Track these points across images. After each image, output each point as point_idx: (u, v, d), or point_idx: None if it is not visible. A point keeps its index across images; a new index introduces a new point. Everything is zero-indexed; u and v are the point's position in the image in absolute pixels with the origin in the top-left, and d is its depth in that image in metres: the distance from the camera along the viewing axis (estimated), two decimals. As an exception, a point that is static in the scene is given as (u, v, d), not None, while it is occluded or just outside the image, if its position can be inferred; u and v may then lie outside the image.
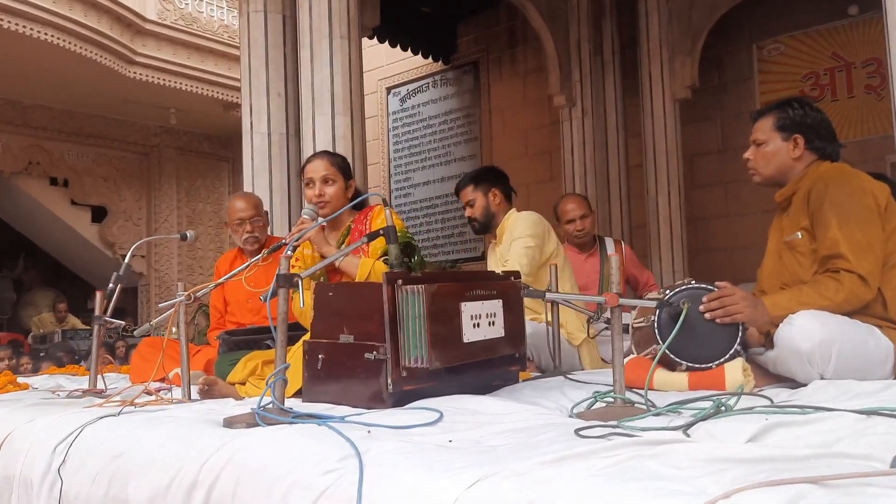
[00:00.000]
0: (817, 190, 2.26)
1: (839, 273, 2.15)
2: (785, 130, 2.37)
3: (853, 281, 2.13)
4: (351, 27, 4.12)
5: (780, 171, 2.39)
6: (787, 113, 2.37)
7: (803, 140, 2.34)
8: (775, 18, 6.76)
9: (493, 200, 3.49)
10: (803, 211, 2.30)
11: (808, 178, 2.34)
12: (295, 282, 1.86)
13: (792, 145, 2.35)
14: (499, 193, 3.51)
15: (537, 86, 7.88)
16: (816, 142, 2.34)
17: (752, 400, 1.81)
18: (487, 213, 3.50)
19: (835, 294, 2.12)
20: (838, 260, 2.17)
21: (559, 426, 1.68)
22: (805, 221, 2.29)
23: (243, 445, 1.55)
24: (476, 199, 3.51)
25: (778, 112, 2.39)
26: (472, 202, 3.52)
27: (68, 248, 10.61)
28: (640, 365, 2.28)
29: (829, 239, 2.19)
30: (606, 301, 1.91)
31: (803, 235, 2.30)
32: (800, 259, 2.32)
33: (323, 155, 2.91)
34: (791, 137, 2.35)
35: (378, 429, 1.64)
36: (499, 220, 3.51)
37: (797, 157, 2.35)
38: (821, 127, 2.37)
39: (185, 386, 2.44)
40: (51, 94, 9.13)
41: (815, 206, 2.25)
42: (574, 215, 4.19)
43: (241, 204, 3.52)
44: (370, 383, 2.03)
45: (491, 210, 3.50)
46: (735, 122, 6.92)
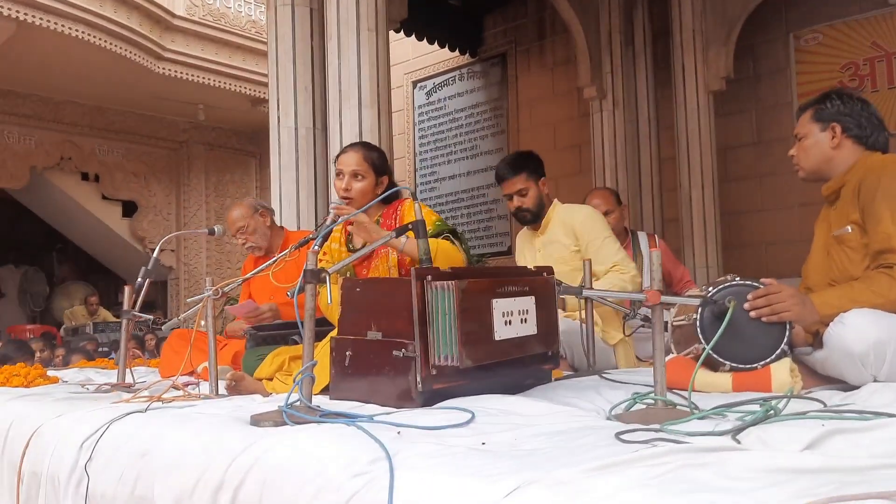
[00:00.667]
0: (868, 182, 2.16)
1: (893, 269, 2.04)
2: (822, 121, 2.31)
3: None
4: (378, 20, 4.06)
5: (822, 163, 2.32)
6: (825, 104, 2.32)
7: (840, 128, 2.27)
8: (813, 7, 6.58)
9: (544, 189, 3.27)
10: (853, 204, 2.20)
11: (857, 169, 2.25)
12: (322, 277, 1.80)
13: (830, 134, 2.29)
14: (546, 183, 3.30)
15: (566, 78, 7.77)
16: (856, 129, 2.26)
17: (802, 403, 1.71)
18: (540, 203, 3.26)
19: (888, 291, 2.02)
20: (891, 255, 2.06)
21: (598, 429, 1.60)
22: (855, 215, 2.19)
23: (270, 446, 1.50)
24: (529, 188, 3.22)
25: (816, 104, 2.35)
26: (523, 191, 3.22)
27: (99, 243, 10.72)
28: (681, 365, 2.19)
29: (881, 233, 2.09)
30: (648, 298, 1.83)
31: (853, 229, 2.20)
32: (850, 254, 2.22)
33: (359, 147, 2.79)
34: (828, 127, 2.29)
35: (408, 430, 1.57)
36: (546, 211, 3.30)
37: (836, 145, 2.28)
38: (861, 116, 2.28)
39: (212, 381, 2.40)
40: (82, 91, 9.20)
41: (867, 198, 2.15)
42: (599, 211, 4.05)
43: (231, 216, 3.61)
44: (399, 381, 1.97)
45: (543, 200, 3.27)
46: (771, 114, 6.76)
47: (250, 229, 3.55)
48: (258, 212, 3.62)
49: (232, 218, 3.60)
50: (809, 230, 2.48)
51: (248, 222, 3.56)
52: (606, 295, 2.09)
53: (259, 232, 3.58)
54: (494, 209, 8.47)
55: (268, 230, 3.62)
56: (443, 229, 2.59)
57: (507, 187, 3.26)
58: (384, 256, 2.65)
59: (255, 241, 3.57)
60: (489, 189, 8.51)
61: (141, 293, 2.85)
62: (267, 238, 3.61)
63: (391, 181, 2.82)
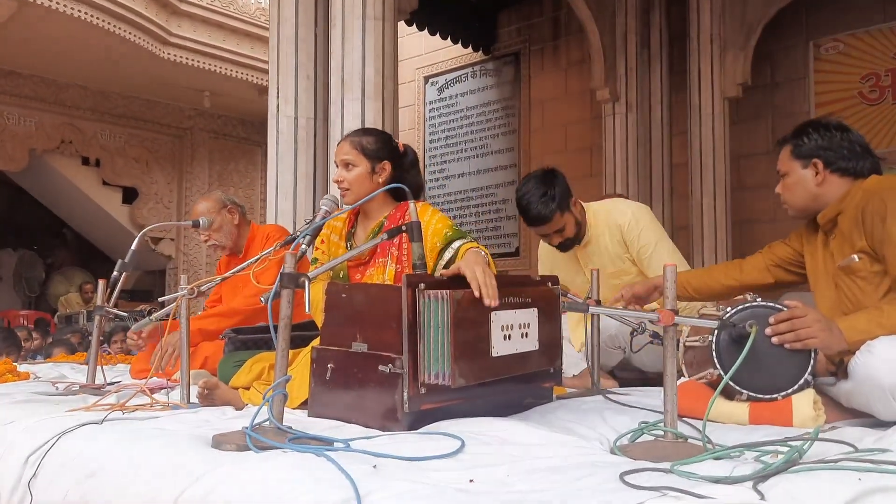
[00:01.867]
0: (873, 206, 2.02)
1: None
2: (803, 158, 2.20)
3: None
4: (386, 9, 3.88)
5: (809, 201, 2.21)
6: (803, 140, 2.21)
7: (822, 163, 2.16)
8: (835, 15, 6.38)
9: (577, 209, 3.04)
10: (858, 231, 2.06)
11: (854, 195, 2.12)
12: (301, 282, 1.62)
13: (813, 171, 2.18)
14: (576, 201, 3.06)
15: (580, 79, 7.59)
16: (839, 162, 2.15)
17: (829, 445, 1.53)
18: (579, 226, 3.04)
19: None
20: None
21: (601, 467, 1.42)
22: (862, 242, 2.05)
23: (226, 476, 1.32)
24: (566, 223, 2.98)
25: (793, 140, 2.24)
26: (562, 229, 2.99)
27: (98, 229, 10.56)
28: (693, 391, 2.01)
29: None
30: (660, 318, 1.65)
31: (861, 258, 2.05)
32: (861, 284, 2.08)
33: (350, 135, 2.57)
34: (810, 163, 2.18)
35: (386, 461, 1.39)
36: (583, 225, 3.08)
37: (820, 182, 2.17)
38: (842, 147, 2.16)
39: (183, 388, 2.22)
40: (85, 74, 9.04)
41: (874, 223, 2.01)
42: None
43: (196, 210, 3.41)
44: (384, 400, 1.79)
45: (580, 221, 3.05)
46: (787, 123, 6.55)
47: (215, 226, 3.33)
48: (226, 207, 3.39)
49: (197, 212, 3.38)
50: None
51: (213, 218, 3.34)
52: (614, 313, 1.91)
53: (224, 230, 3.36)
54: (503, 209, 8.31)
55: (234, 228, 3.40)
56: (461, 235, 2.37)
57: (546, 229, 3.01)
58: (381, 266, 2.44)
59: (217, 239, 3.36)
60: (499, 188, 8.35)
61: (117, 287, 2.67)
62: (232, 237, 3.39)
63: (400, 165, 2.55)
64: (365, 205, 2.49)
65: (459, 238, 2.34)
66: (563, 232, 2.99)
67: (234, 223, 3.40)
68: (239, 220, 3.42)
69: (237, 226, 3.41)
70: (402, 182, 2.32)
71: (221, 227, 3.35)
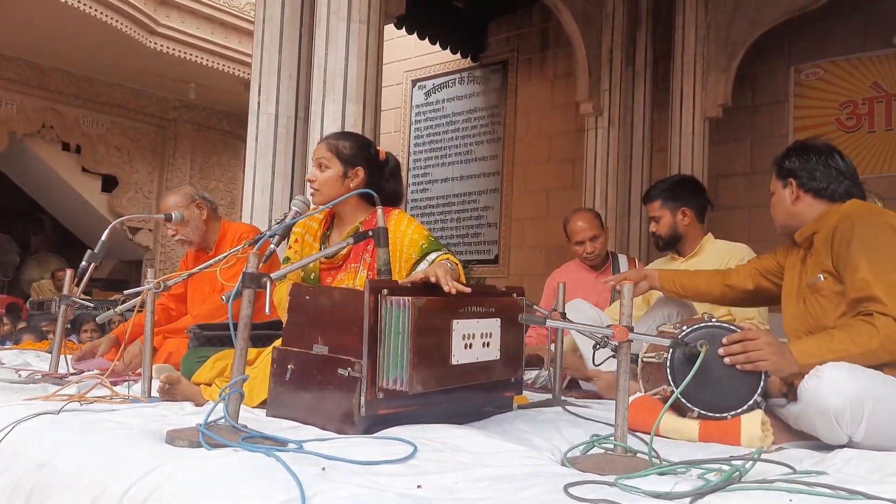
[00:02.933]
0: (842, 229, 2.10)
1: (873, 317, 1.93)
2: (782, 178, 2.33)
3: (889, 325, 1.91)
4: (371, 12, 3.89)
5: (787, 218, 2.32)
6: (784, 161, 2.34)
7: (795, 183, 2.28)
8: (816, 42, 6.48)
9: (682, 220, 3.19)
10: (826, 251, 2.13)
11: (831, 216, 2.19)
12: (263, 283, 1.64)
13: (789, 190, 2.30)
14: (689, 213, 3.19)
15: (565, 91, 7.66)
16: (811, 183, 2.25)
17: (770, 465, 1.56)
18: (674, 233, 3.21)
19: (869, 340, 1.90)
20: (871, 303, 1.96)
21: (548, 477, 1.45)
22: (828, 263, 2.12)
23: (176, 471, 1.33)
24: (663, 216, 3.21)
25: (778, 162, 2.38)
26: (657, 218, 3.22)
27: (76, 216, 10.49)
28: (647, 406, 2.05)
29: (859, 280, 1.99)
30: (615, 334, 1.68)
31: (826, 277, 2.12)
32: (823, 303, 2.14)
33: (328, 137, 2.59)
34: (787, 183, 2.31)
35: (336, 464, 1.42)
36: (691, 240, 3.22)
37: (793, 200, 2.28)
38: (816, 169, 2.25)
39: (144, 382, 2.23)
40: (70, 59, 8.99)
41: (841, 245, 2.07)
42: (584, 236, 3.86)
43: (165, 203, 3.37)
44: (341, 403, 1.81)
45: (679, 230, 3.20)
46: (765, 146, 6.65)
47: (182, 221, 3.30)
48: (195, 202, 3.36)
49: (165, 205, 3.35)
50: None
51: (181, 212, 3.31)
52: (573, 327, 1.94)
53: (191, 225, 3.32)
54: (485, 216, 8.35)
55: (202, 224, 3.36)
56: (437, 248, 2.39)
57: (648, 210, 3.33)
58: (353, 271, 2.44)
59: (184, 234, 3.32)
60: (481, 195, 8.39)
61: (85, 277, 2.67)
62: (199, 232, 3.36)
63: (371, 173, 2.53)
64: (339, 209, 2.50)
65: (436, 250, 2.36)
66: (659, 223, 3.23)
67: (202, 219, 3.36)
68: (208, 216, 3.39)
69: (206, 221, 3.38)
70: (380, 189, 2.33)
71: (189, 221, 3.32)
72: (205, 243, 3.39)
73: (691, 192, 3.26)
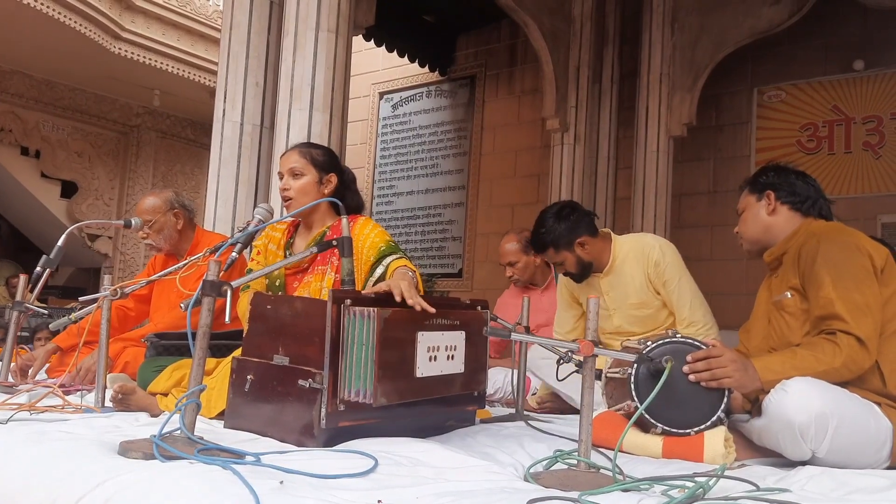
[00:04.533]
0: (809, 247, 2.11)
1: (836, 335, 1.95)
2: (757, 192, 2.33)
3: (851, 345, 1.92)
4: (340, 22, 3.87)
5: (761, 232, 2.31)
6: (760, 177, 2.36)
7: (774, 195, 2.28)
8: (779, 65, 6.62)
9: (583, 251, 3.02)
10: (793, 269, 2.15)
11: (799, 236, 2.21)
12: (223, 291, 1.60)
13: (766, 202, 2.30)
14: (586, 239, 3.02)
15: (532, 107, 7.70)
16: (789, 196, 2.27)
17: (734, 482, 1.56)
18: (584, 264, 3.05)
19: (832, 358, 1.91)
20: (834, 321, 1.97)
21: (511, 493, 1.43)
22: (795, 280, 2.13)
23: (127, 485, 1.28)
24: (565, 259, 3.05)
25: (751, 179, 2.39)
26: (559, 263, 3.10)
27: (33, 222, 10.26)
28: (611, 422, 2.04)
29: (822, 298, 2.00)
30: (580, 349, 1.67)
31: (792, 295, 2.13)
32: (788, 320, 2.14)
33: (297, 146, 2.58)
34: (764, 195, 2.31)
35: (294, 478, 1.38)
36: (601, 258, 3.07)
37: (771, 211, 2.28)
38: (794, 185, 2.28)
39: (98, 391, 2.16)
40: (31, 62, 8.81)
41: (807, 263, 2.09)
42: (504, 260, 3.87)
43: (141, 205, 3.31)
44: (301, 415, 1.77)
45: (586, 260, 3.04)
46: (728, 165, 6.77)
47: (156, 226, 3.24)
48: (173, 210, 3.31)
49: (142, 207, 3.29)
50: (755, 284, 2.43)
51: (156, 218, 3.26)
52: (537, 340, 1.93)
53: (164, 232, 3.27)
54: (449, 230, 8.33)
55: (176, 233, 3.31)
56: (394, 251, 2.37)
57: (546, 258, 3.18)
58: (319, 273, 2.42)
59: (155, 241, 3.27)
60: (446, 209, 8.38)
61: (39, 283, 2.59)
62: (172, 241, 3.30)
63: (342, 182, 2.55)
64: (308, 216, 2.48)
65: (392, 253, 2.35)
66: (564, 265, 3.07)
67: (176, 228, 3.31)
68: (183, 225, 3.34)
69: (180, 231, 3.33)
70: (344, 199, 2.32)
71: (163, 228, 3.26)
72: (176, 251, 3.33)
73: (575, 222, 3.02)
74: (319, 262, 2.42)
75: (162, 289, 3.24)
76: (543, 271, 3.95)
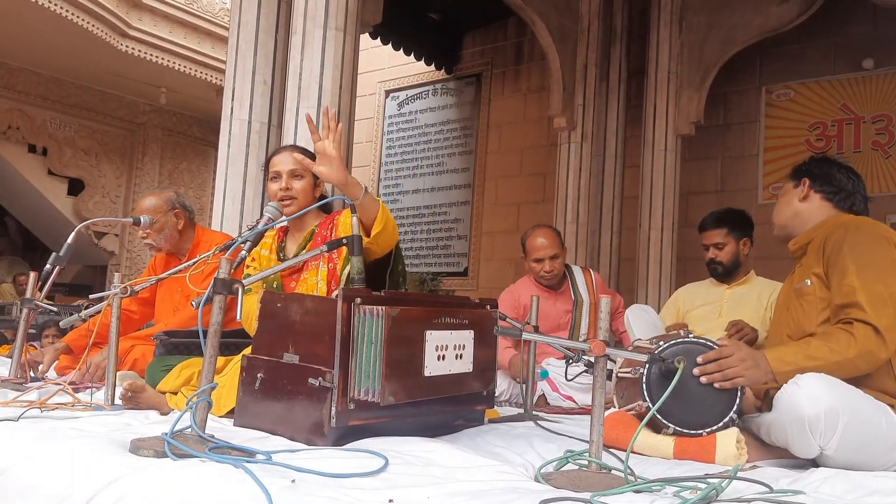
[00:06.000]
0: (836, 236, 2.10)
1: (852, 325, 1.93)
2: (796, 178, 2.34)
3: (867, 335, 1.90)
4: (348, 20, 3.86)
5: (790, 217, 2.31)
6: (801, 167, 2.36)
7: (808, 181, 2.28)
8: (788, 63, 6.59)
9: (744, 250, 3.36)
10: (817, 258, 2.13)
11: (827, 226, 2.19)
12: (234, 289, 1.59)
13: (800, 189, 2.30)
14: (748, 245, 3.38)
15: (539, 105, 7.68)
16: (824, 185, 2.26)
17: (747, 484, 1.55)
18: (736, 261, 3.35)
19: (846, 348, 1.89)
20: (853, 309, 1.95)
21: (523, 493, 1.42)
22: (818, 268, 2.11)
23: (139, 482, 1.28)
24: (728, 243, 3.35)
25: (796, 167, 2.39)
26: (721, 245, 3.35)
27: (40, 219, 10.27)
28: (622, 422, 2.03)
29: (845, 286, 1.98)
30: (591, 349, 1.66)
31: (813, 282, 2.11)
32: (806, 308, 2.12)
33: (293, 147, 2.61)
34: (800, 182, 2.31)
35: (305, 477, 1.37)
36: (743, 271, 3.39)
37: (803, 197, 2.28)
38: (832, 176, 2.27)
39: (108, 389, 2.16)
40: (39, 59, 8.82)
41: (832, 251, 2.07)
42: (544, 254, 3.67)
43: (142, 205, 3.30)
44: (311, 413, 1.77)
45: (740, 259, 3.36)
46: (736, 164, 6.74)
47: (157, 226, 3.22)
48: (174, 210, 3.29)
49: (142, 207, 3.28)
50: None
51: (157, 218, 3.24)
52: (548, 340, 1.92)
53: (164, 233, 3.25)
54: (455, 228, 8.33)
55: (176, 233, 3.29)
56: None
57: (707, 237, 3.40)
58: (314, 269, 2.42)
59: (154, 240, 3.25)
60: (451, 207, 8.37)
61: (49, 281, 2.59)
62: (171, 241, 3.29)
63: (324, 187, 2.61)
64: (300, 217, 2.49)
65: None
66: (722, 251, 3.33)
67: (177, 228, 3.30)
68: (184, 225, 3.33)
69: (180, 231, 3.31)
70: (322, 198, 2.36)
71: (163, 228, 3.25)
72: (176, 250, 3.32)
73: (749, 226, 3.42)
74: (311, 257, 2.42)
75: (166, 290, 3.24)
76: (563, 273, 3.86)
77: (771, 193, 6.33)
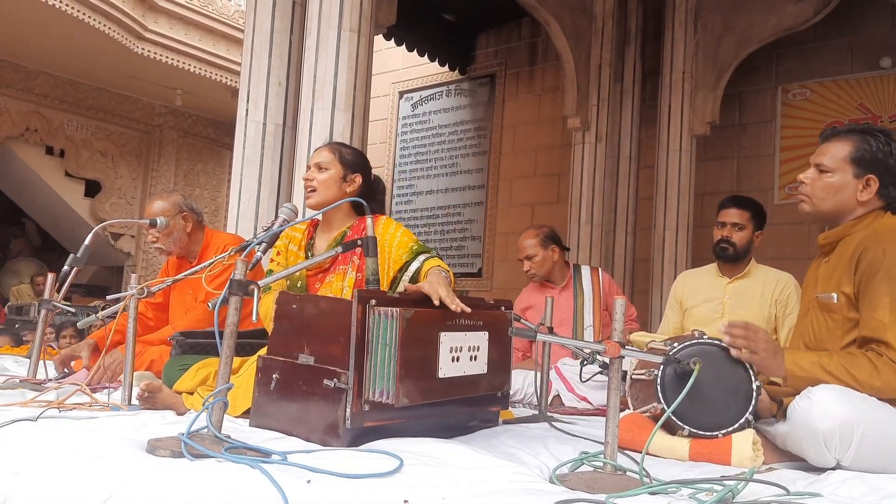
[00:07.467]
0: (873, 255, 1.90)
1: (880, 357, 1.83)
2: (860, 166, 1.97)
3: (893, 372, 1.81)
4: (363, 21, 3.88)
5: (839, 211, 2.03)
6: (870, 144, 1.96)
7: (878, 184, 1.96)
8: (804, 62, 6.54)
9: (755, 240, 3.43)
10: (848, 272, 1.95)
11: (863, 228, 1.99)
12: (250, 290, 1.60)
13: (863, 185, 1.97)
14: (760, 237, 3.45)
15: (553, 106, 7.67)
16: (891, 189, 1.97)
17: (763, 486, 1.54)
18: (747, 247, 3.40)
19: (868, 378, 1.81)
20: (881, 346, 1.85)
21: (538, 495, 1.42)
22: (848, 288, 1.95)
23: (156, 482, 1.29)
24: (746, 227, 3.40)
25: (859, 141, 1.98)
26: (741, 226, 3.39)
27: (58, 221, 10.36)
28: (636, 424, 2.02)
29: (875, 320, 1.87)
30: (606, 350, 1.66)
31: (840, 300, 1.96)
32: (829, 323, 2.02)
33: (330, 143, 2.63)
34: (864, 177, 1.97)
35: (321, 477, 1.38)
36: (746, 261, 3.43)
37: (864, 200, 1.98)
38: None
39: (125, 389, 2.18)
40: (56, 62, 8.90)
41: (866, 274, 1.90)
42: (522, 254, 3.91)
43: (150, 208, 3.31)
44: (326, 414, 1.77)
45: (750, 247, 3.42)
46: (752, 164, 6.70)
47: (165, 230, 3.23)
48: (181, 213, 3.30)
49: (150, 211, 3.29)
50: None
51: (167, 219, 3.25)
52: (563, 342, 1.92)
53: (173, 236, 3.26)
54: (468, 229, 8.32)
55: (185, 235, 3.30)
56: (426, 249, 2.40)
57: (726, 215, 3.41)
58: (341, 273, 2.43)
59: (163, 244, 3.26)
60: (465, 208, 8.37)
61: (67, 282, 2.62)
62: (180, 244, 3.30)
63: (366, 182, 2.57)
64: (328, 215, 2.49)
65: (425, 252, 2.37)
66: (741, 231, 3.36)
67: (185, 230, 3.30)
68: (192, 228, 3.33)
69: (189, 233, 3.32)
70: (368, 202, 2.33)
71: (172, 232, 3.26)
72: (186, 253, 3.33)
73: (765, 222, 3.47)
74: (341, 261, 2.43)
75: (178, 293, 3.25)
76: (562, 269, 3.93)
77: (787, 193, 6.29)
